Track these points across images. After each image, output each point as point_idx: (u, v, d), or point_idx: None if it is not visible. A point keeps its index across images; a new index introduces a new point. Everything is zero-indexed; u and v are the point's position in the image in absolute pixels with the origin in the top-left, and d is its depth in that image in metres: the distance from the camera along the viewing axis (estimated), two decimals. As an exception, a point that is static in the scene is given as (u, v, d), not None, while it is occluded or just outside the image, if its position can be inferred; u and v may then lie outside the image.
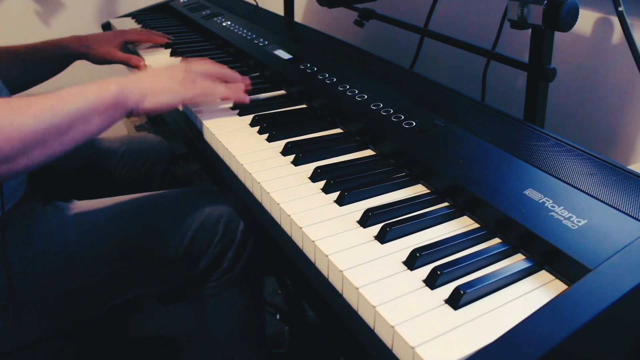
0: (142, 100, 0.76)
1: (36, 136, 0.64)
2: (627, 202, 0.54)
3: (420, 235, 0.57)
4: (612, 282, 0.45)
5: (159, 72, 0.81)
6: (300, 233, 0.59)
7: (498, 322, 0.45)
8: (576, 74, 1.01)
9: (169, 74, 0.81)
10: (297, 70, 0.98)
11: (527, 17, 0.72)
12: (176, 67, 0.84)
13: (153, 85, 0.77)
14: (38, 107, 0.65)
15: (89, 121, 0.70)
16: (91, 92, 0.71)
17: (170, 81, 0.80)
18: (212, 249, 0.87)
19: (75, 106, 0.68)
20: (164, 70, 0.82)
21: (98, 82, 0.73)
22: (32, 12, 1.70)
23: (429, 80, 0.88)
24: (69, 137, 0.68)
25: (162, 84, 0.78)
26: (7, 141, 0.61)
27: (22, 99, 0.65)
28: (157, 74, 0.81)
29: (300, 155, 0.73)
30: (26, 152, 0.64)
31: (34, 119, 0.64)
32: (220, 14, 1.39)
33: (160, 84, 0.78)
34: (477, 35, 1.13)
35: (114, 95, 0.72)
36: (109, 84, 0.73)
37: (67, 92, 0.69)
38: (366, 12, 1.15)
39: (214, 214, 0.87)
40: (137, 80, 0.77)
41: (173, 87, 0.79)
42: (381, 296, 0.48)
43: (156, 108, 0.78)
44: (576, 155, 0.63)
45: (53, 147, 0.67)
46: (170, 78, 0.80)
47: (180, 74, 0.81)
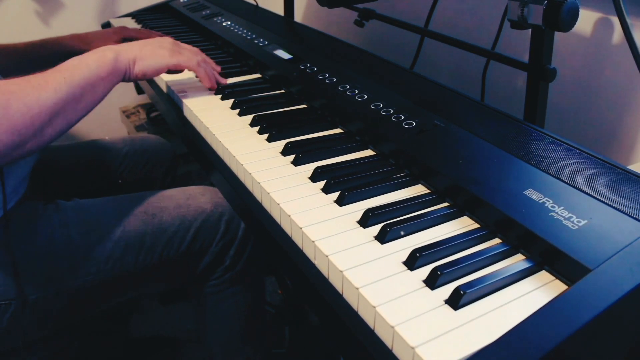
0: (133, 64, 0.84)
1: (58, 107, 0.70)
2: (627, 202, 0.54)
3: (420, 236, 0.57)
4: (612, 282, 0.45)
5: (147, 42, 0.89)
6: (300, 233, 0.59)
7: (498, 322, 0.45)
8: (576, 74, 1.01)
9: (159, 43, 0.89)
10: (297, 70, 0.98)
11: (527, 17, 0.72)
12: (165, 38, 0.92)
13: (142, 51, 0.85)
14: (55, 81, 0.71)
15: (96, 87, 0.77)
16: (93, 62, 0.78)
17: (159, 48, 0.88)
18: (213, 247, 0.87)
19: (83, 75, 0.75)
20: (152, 41, 0.89)
21: (95, 52, 0.80)
22: (32, 12, 1.69)
23: (429, 80, 0.88)
24: (83, 104, 0.75)
25: (150, 50, 0.86)
26: (38, 115, 0.67)
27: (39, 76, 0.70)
28: (147, 42, 0.88)
29: (300, 155, 0.73)
30: (52, 123, 0.70)
31: (55, 92, 0.70)
32: (220, 14, 1.39)
33: (148, 50, 0.86)
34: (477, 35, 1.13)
35: (112, 61, 0.80)
36: (105, 51, 0.81)
37: (72, 65, 0.75)
38: (366, 12, 1.15)
39: (216, 212, 0.87)
40: (128, 46, 0.85)
41: (160, 52, 0.87)
42: (381, 296, 0.48)
43: (145, 71, 0.85)
44: (576, 155, 0.63)
45: (71, 116, 0.73)
46: (159, 46, 0.88)
47: (168, 44, 0.90)
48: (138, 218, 0.85)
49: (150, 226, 0.85)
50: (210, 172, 0.83)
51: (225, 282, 0.91)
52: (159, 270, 0.86)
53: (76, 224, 0.82)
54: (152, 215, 0.86)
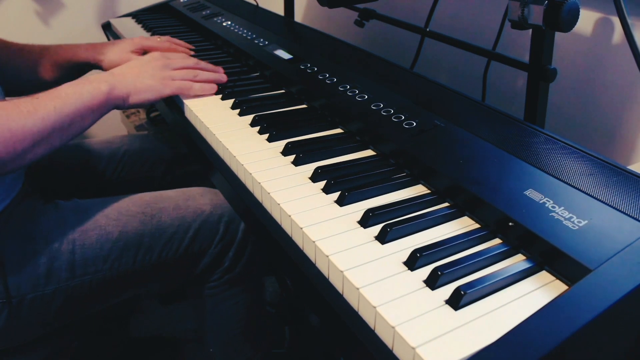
0: (127, 98, 0.85)
1: (43, 135, 0.72)
2: (627, 203, 0.54)
3: (420, 236, 0.57)
4: (612, 282, 0.45)
5: (141, 70, 0.89)
6: (300, 233, 0.59)
7: (499, 322, 0.45)
8: (576, 74, 1.01)
9: (151, 72, 0.89)
10: (297, 70, 0.98)
11: (528, 18, 0.71)
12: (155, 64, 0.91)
13: (136, 84, 0.86)
14: (44, 110, 0.72)
15: (85, 118, 0.78)
16: (86, 93, 0.78)
17: (151, 80, 0.88)
18: (212, 249, 0.87)
19: (74, 106, 0.76)
20: (145, 67, 0.90)
21: (90, 82, 0.81)
22: (32, 12, 1.69)
23: (429, 80, 0.88)
24: (68, 132, 0.76)
25: (144, 82, 0.87)
26: (21, 142, 0.69)
27: (28, 101, 0.72)
28: (139, 71, 0.88)
29: (301, 156, 0.73)
30: (34, 149, 0.71)
31: (42, 120, 0.71)
32: (220, 14, 1.39)
33: (142, 82, 0.87)
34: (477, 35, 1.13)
35: (105, 94, 0.81)
36: (100, 83, 0.81)
37: (65, 93, 0.76)
38: (366, 12, 1.15)
39: (215, 214, 0.87)
40: (122, 78, 0.85)
41: (153, 85, 0.87)
42: (382, 296, 0.48)
43: (139, 104, 0.87)
44: (576, 156, 0.63)
45: (54, 142, 0.74)
46: (152, 77, 0.88)
47: (160, 73, 0.90)
48: (137, 219, 0.85)
49: (149, 227, 0.85)
50: (211, 172, 0.83)
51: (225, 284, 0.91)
52: (158, 270, 0.86)
53: (74, 224, 0.82)
54: (151, 216, 0.86)
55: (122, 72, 0.87)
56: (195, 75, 0.94)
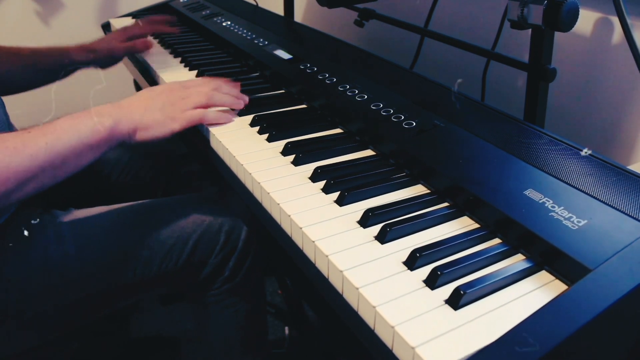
0: (133, 134, 0.77)
1: (31, 174, 0.65)
2: (627, 202, 0.54)
3: (420, 236, 0.57)
4: (612, 282, 0.45)
5: (150, 102, 0.80)
6: (300, 233, 0.59)
7: (498, 322, 0.45)
8: (576, 74, 1.01)
9: (161, 105, 0.80)
10: (297, 70, 0.98)
11: (527, 17, 0.72)
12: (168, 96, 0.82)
13: (144, 118, 0.77)
14: (33, 147, 0.66)
15: (82, 155, 0.71)
16: (85, 128, 0.71)
17: (160, 113, 0.79)
18: (213, 259, 0.85)
19: (69, 143, 0.69)
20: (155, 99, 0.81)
21: (92, 115, 0.73)
22: (32, 12, 1.69)
23: (429, 80, 0.88)
24: (62, 171, 0.70)
25: (152, 117, 0.78)
26: (4, 182, 0.63)
27: (17, 136, 0.66)
28: (148, 103, 0.80)
29: (300, 156, 0.73)
30: (20, 188, 0.65)
31: (30, 158, 0.65)
32: (220, 14, 1.39)
33: (151, 117, 0.78)
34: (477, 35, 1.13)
35: (108, 130, 0.73)
36: (103, 117, 0.73)
37: (61, 128, 0.69)
38: (366, 12, 1.15)
39: (215, 223, 0.85)
40: (128, 112, 0.77)
41: (162, 120, 0.79)
42: (381, 296, 0.48)
43: (146, 140, 0.78)
44: (576, 155, 0.63)
45: (45, 181, 0.68)
46: (161, 110, 0.79)
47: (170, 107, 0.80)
48: (135, 231, 0.83)
49: (148, 239, 0.83)
50: (210, 171, 0.83)
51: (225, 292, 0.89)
52: (157, 281, 0.85)
53: (72, 238, 0.79)
54: (150, 227, 0.84)
55: (129, 105, 0.79)
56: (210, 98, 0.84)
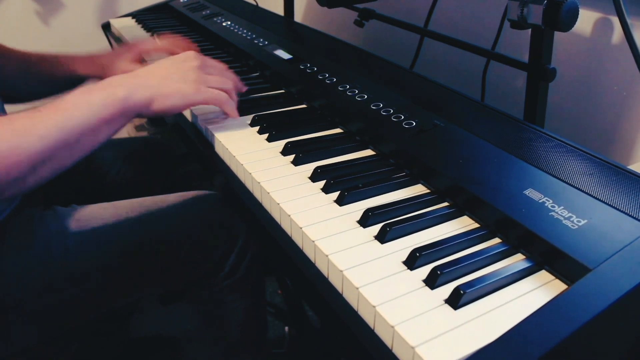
0: (150, 104, 0.71)
1: (44, 155, 0.62)
2: (627, 202, 0.54)
3: (420, 235, 0.57)
4: (612, 281, 0.45)
5: (171, 70, 0.74)
6: (300, 233, 0.59)
7: (498, 322, 0.45)
8: (576, 74, 1.01)
9: (182, 74, 0.74)
10: (297, 70, 0.98)
11: (527, 17, 0.72)
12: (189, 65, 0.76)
13: (161, 87, 0.72)
14: (43, 126, 0.62)
15: (97, 131, 0.67)
16: (98, 101, 0.66)
17: (182, 83, 0.73)
18: (213, 255, 0.86)
19: (81, 119, 0.65)
20: (176, 67, 0.75)
21: (104, 87, 0.69)
22: (32, 12, 1.69)
23: (429, 80, 0.88)
24: (78, 150, 0.66)
25: (171, 86, 0.72)
26: (16, 165, 0.60)
27: (26, 117, 0.62)
28: (168, 72, 0.74)
29: (300, 155, 0.73)
30: (35, 171, 0.62)
31: (40, 139, 0.61)
32: (220, 14, 1.39)
33: (169, 86, 0.72)
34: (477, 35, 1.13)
35: (122, 101, 0.68)
36: (115, 88, 0.68)
37: (72, 103, 0.65)
38: (366, 12, 1.15)
39: (216, 220, 0.86)
40: (145, 80, 0.71)
41: (183, 89, 0.73)
42: (381, 296, 0.48)
43: (164, 111, 0.73)
44: (576, 155, 0.63)
45: (61, 162, 0.65)
46: (182, 79, 0.74)
47: (193, 75, 0.75)
48: (136, 227, 0.83)
49: (149, 235, 0.83)
50: (210, 171, 0.83)
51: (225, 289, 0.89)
52: (158, 277, 0.85)
53: (73, 234, 0.79)
54: (151, 223, 0.84)
55: (146, 73, 0.73)
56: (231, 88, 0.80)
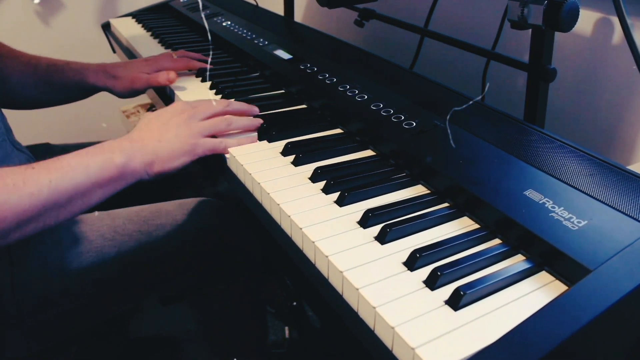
0: (150, 169, 0.71)
1: (31, 213, 0.61)
2: (627, 203, 0.54)
3: (420, 236, 0.57)
4: (612, 283, 0.45)
5: (162, 131, 0.74)
6: (300, 233, 0.59)
7: (498, 323, 0.45)
8: (576, 74, 1.01)
9: (174, 133, 0.74)
10: (297, 70, 0.97)
11: (528, 18, 0.71)
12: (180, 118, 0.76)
13: (159, 150, 0.72)
14: (35, 184, 0.61)
15: (90, 195, 0.66)
16: (94, 165, 0.66)
17: (176, 142, 0.73)
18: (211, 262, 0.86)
19: (75, 181, 0.64)
20: (167, 126, 0.75)
21: (102, 151, 0.68)
22: (32, 12, 1.69)
23: (429, 80, 0.88)
24: (67, 211, 0.65)
25: (168, 147, 0.73)
26: (2, 220, 0.58)
27: (19, 172, 0.61)
28: (161, 134, 0.74)
29: (300, 156, 0.73)
30: (19, 228, 0.61)
31: (30, 197, 0.60)
32: (220, 14, 1.39)
33: (166, 148, 0.72)
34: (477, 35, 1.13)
35: (119, 168, 0.68)
36: (114, 153, 0.68)
37: (68, 164, 0.65)
38: (366, 12, 1.15)
39: (214, 226, 0.85)
40: (142, 146, 0.71)
41: (180, 149, 0.73)
42: (381, 297, 0.48)
43: (163, 173, 0.73)
44: (576, 156, 0.63)
45: (48, 221, 0.64)
46: (176, 137, 0.73)
47: (186, 130, 0.75)
48: (133, 238, 0.82)
49: (146, 246, 0.82)
50: (210, 171, 0.83)
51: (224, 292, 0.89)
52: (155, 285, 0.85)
53: (70, 247, 0.78)
54: (148, 234, 0.83)
55: (141, 137, 0.73)
56: (229, 124, 0.78)
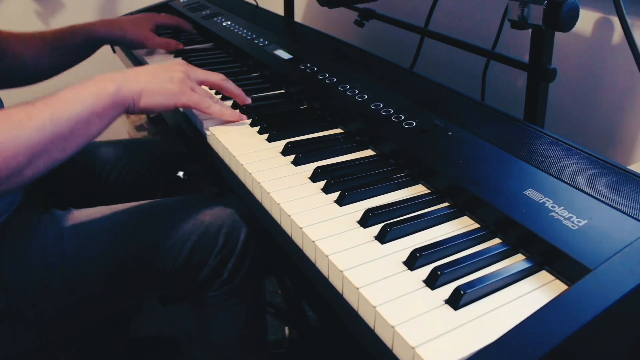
0: (137, 99, 0.74)
1: (40, 147, 0.64)
2: (627, 203, 0.54)
3: (420, 236, 0.57)
4: (612, 282, 0.45)
5: (158, 71, 0.78)
6: (300, 233, 0.59)
7: (498, 322, 0.45)
8: (576, 74, 1.01)
9: (169, 74, 0.78)
10: (297, 70, 0.98)
11: (528, 17, 0.72)
12: (176, 68, 0.81)
13: (150, 84, 0.75)
14: (39, 118, 0.64)
15: (90, 124, 0.69)
16: (89, 95, 0.69)
17: (168, 83, 0.77)
18: (211, 261, 0.85)
19: (74, 112, 0.67)
20: (163, 69, 0.79)
21: (95, 82, 0.71)
22: (32, 12, 1.69)
23: (429, 80, 0.88)
24: (72, 142, 0.68)
25: (159, 84, 0.76)
26: (14, 157, 0.61)
27: (21, 110, 0.64)
28: (156, 72, 0.78)
29: (301, 155, 0.73)
30: (31, 163, 0.63)
31: (37, 131, 0.63)
32: (220, 14, 1.39)
33: (157, 84, 0.76)
34: (477, 35, 1.13)
35: (112, 95, 0.71)
36: (105, 83, 0.71)
37: (65, 97, 0.68)
38: (366, 12, 1.15)
39: (214, 225, 0.85)
40: (134, 77, 0.75)
41: (170, 89, 0.77)
42: (381, 296, 0.48)
43: (150, 108, 0.76)
44: (576, 156, 0.63)
45: (57, 155, 0.66)
46: (170, 80, 0.78)
47: (179, 77, 0.79)
48: (134, 232, 0.83)
49: (147, 241, 0.83)
50: (210, 172, 0.83)
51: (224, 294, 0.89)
52: (155, 283, 0.85)
53: (71, 240, 0.79)
54: (148, 229, 0.84)
55: (135, 71, 0.77)
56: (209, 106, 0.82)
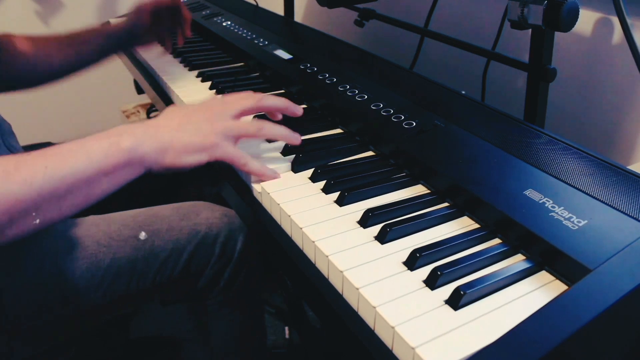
0: (161, 159, 0.63)
1: (25, 204, 0.54)
2: (627, 203, 0.54)
3: (420, 236, 0.57)
4: (612, 282, 0.45)
5: (185, 120, 0.67)
6: (300, 233, 0.59)
7: (498, 322, 0.45)
8: (576, 74, 1.01)
9: (196, 126, 0.66)
10: (297, 70, 0.98)
11: (528, 18, 0.72)
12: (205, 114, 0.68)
13: (174, 141, 0.64)
14: (29, 170, 0.55)
15: (93, 184, 0.59)
16: (99, 149, 0.59)
17: (196, 136, 0.65)
18: (208, 270, 0.84)
19: (75, 167, 0.58)
20: (191, 116, 0.67)
21: (108, 134, 0.61)
22: (32, 12, 1.70)
23: (429, 80, 0.88)
24: (68, 202, 0.58)
25: (185, 139, 0.64)
26: None
27: (12, 159, 0.56)
28: (182, 122, 0.66)
29: (300, 156, 0.73)
30: (13, 222, 0.54)
31: (23, 184, 0.54)
32: (220, 14, 1.39)
33: (183, 139, 0.64)
34: (477, 35, 1.13)
35: (126, 153, 0.61)
36: (121, 137, 0.61)
37: (68, 149, 0.59)
38: (366, 12, 1.15)
39: (211, 234, 0.84)
40: (155, 132, 0.64)
41: (198, 143, 0.65)
42: (381, 296, 0.48)
43: (178, 167, 0.65)
44: (576, 155, 0.63)
45: (48, 215, 0.57)
46: (198, 131, 0.65)
47: (209, 127, 0.66)
48: (128, 244, 0.81)
49: (142, 252, 0.81)
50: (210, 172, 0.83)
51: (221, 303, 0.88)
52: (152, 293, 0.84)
53: (65, 252, 0.77)
54: (144, 240, 0.82)
55: (157, 124, 0.65)
56: (260, 129, 0.70)
